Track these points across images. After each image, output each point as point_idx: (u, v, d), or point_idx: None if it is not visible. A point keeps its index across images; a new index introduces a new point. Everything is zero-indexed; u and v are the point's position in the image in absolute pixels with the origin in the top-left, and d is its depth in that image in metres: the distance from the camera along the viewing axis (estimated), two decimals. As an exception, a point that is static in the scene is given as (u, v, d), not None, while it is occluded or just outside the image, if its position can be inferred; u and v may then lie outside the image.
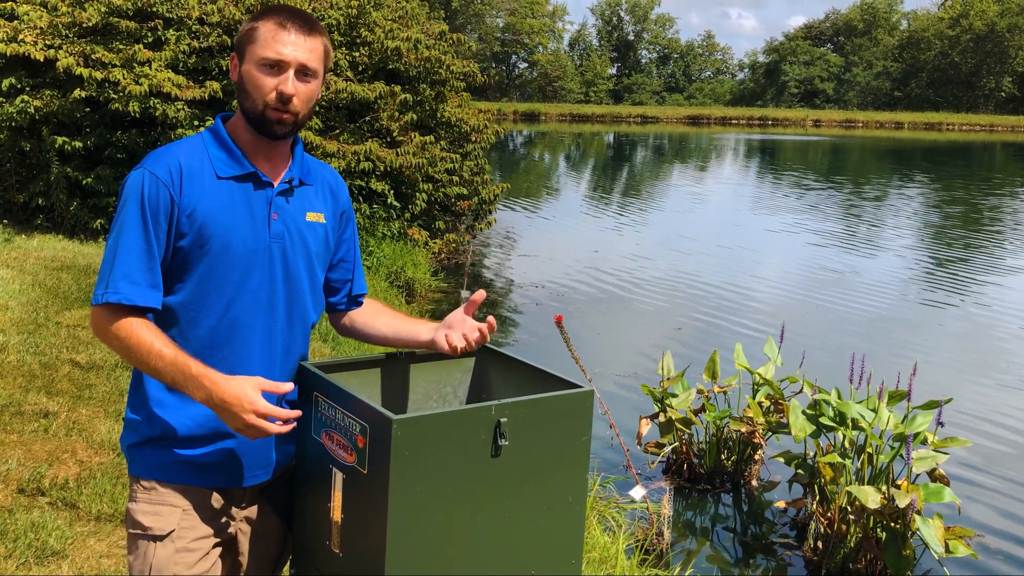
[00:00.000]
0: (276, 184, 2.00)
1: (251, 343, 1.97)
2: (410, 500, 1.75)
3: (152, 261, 1.89)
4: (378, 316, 2.21)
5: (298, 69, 1.92)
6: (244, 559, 2.08)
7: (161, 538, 1.94)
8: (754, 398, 5.40)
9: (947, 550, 4.19)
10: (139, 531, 1.95)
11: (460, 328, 2.08)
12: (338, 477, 1.87)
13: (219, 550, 2.01)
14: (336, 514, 1.88)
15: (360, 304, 2.24)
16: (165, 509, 1.94)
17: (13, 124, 9.80)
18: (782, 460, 5.04)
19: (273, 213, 1.98)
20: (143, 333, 1.86)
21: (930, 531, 4.16)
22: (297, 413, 1.88)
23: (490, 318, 2.07)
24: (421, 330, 2.14)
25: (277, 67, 1.91)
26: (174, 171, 1.90)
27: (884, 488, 4.38)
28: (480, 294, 2.09)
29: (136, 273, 1.88)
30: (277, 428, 1.84)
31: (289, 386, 1.89)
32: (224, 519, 2.02)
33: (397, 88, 10.97)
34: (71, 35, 10.01)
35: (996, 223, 18.06)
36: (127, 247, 1.88)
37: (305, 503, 2.03)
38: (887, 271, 12.51)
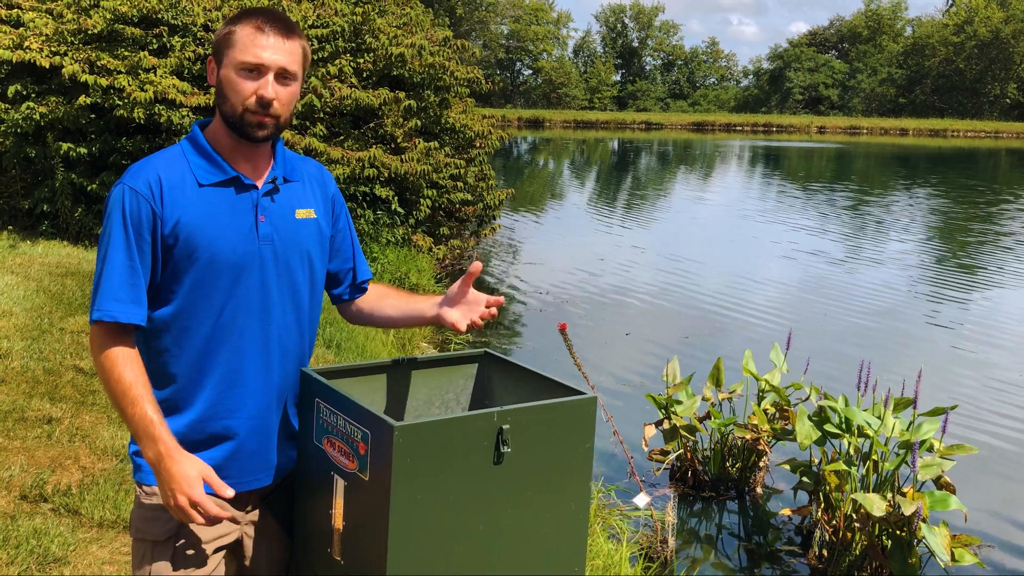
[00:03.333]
0: (260, 185, 1.99)
1: (245, 347, 1.97)
2: (412, 507, 1.74)
3: (135, 277, 1.89)
4: (383, 299, 2.22)
5: (277, 73, 1.92)
6: (252, 562, 2.08)
7: (159, 543, 1.95)
8: (759, 405, 5.38)
9: (953, 558, 4.17)
10: (140, 536, 1.98)
11: (461, 303, 2.12)
12: (340, 484, 1.86)
13: (221, 554, 2.02)
14: (337, 521, 1.87)
15: (365, 291, 2.24)
16: (164, 515, 1.94)
17: (18, 130, 9.81)
18: (787, 467, 5.01)
19: (260, 215, 1.97)
20: (126, 372, 1.87)
21: (936, 539, 4.14)
22: (227, 515, 1.88)
23: (500, 298, 2.09)
24: (424, 307, 2.18)
25: (257, 71, 1.91)
26: (154, 184, 1.90)
27: (889, 496, 4.35)
28: (476, 266, 2.10)
29: (119, 290, 1.88)
30: (200, 520, 1.84)
31: (231, 492, 1.88)
32: (227, 524, 2.01)
33: (401, 94, 10.98)
34: (76, 42, 10.03)
35: (1001, 230, 18.01)
36: (111, 265, 1.89)
37: (306, 510, 2.02)
38: (892, 278, 12.48)
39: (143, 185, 1.89)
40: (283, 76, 1.93)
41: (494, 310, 2.09)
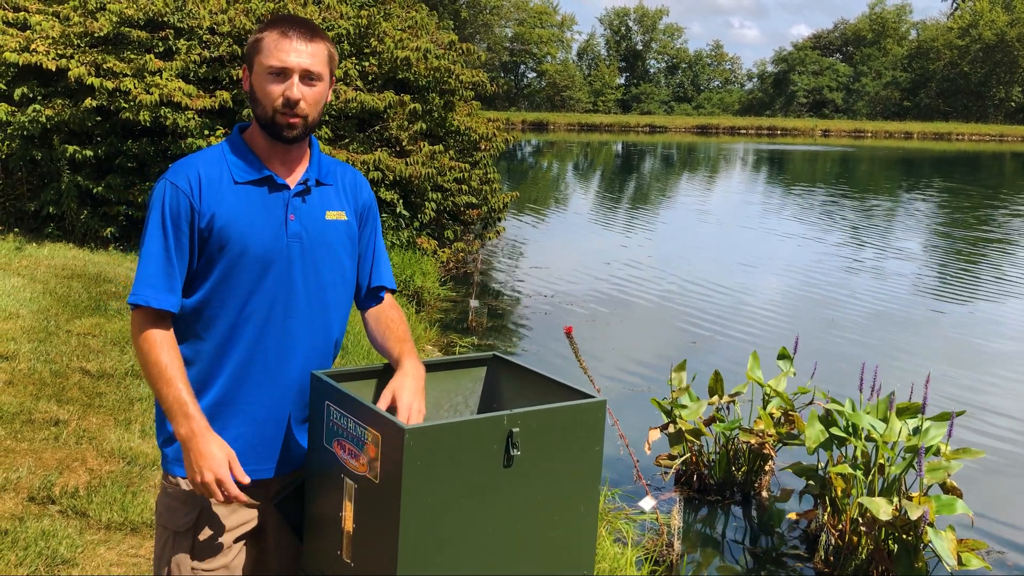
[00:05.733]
0: (292, 186, 2.08)
1: (265, 337, 2.04)
2: (421, 510, 1.75)
3: (170, 267, 2.00)
4: (379, 326, 2.24)
5: (302, 75, 2.02)
6: (271, 551, 2.15)
7: (180, 533, 2.04)
8: (764, 409, 5.38)
9: (960, 562, 4.16)
10: (162, 523, 2.07)
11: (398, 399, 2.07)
12: (350, 486, 1.87)
13: (241, 544, 2.09)
14: (347, 523, 1.88)
15: (381, 300, 2.28)
16: (184, 505, 2.04)
17: (25, 133, 9.85)
18: (792, 471, 5.01)
19: (290, 214, 2.05)
20: (162, 355, 1.98)
21: (942, 543, 4.13)
22: (248, 500, 2.00)
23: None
24: (392, 357, 2.16)
25: (282, 74, 2.01)
26: (193, 180, 2.01)
27: (896, 500, 4.35)
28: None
29: (155, 278, 1.99)
30: (220, 497, 1.94)
31: (247, 479, 1.97)
32: (246, 513, 2.09)
33: (406, 98, 11.00)
34: (83, 45, 10.07)
35: (1006, 233, 17.99)
36: (149, 254, 2.00)
37: (316, 512, 2.03)
38: (895, 282, 12.47)
39: (183, 181, 2.01)
40: (308, 77, 2.02)
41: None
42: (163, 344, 1.99)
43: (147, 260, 2.00)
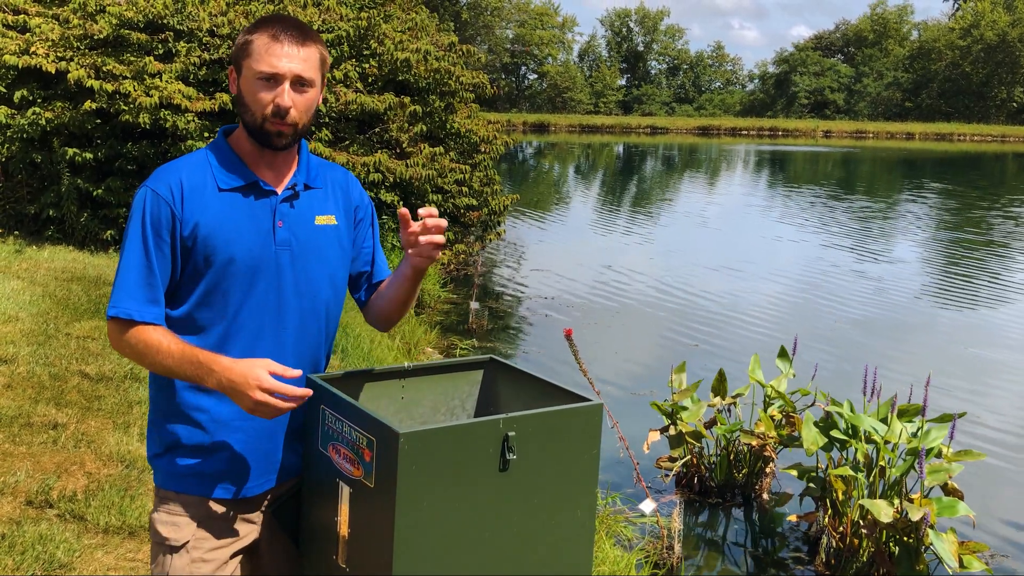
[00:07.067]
0: (280, 191, 2.01)
1: (257, 349, 1.98)
2: (417, 514, 1.74)
3: (152, 277, 1.93)
4: (380, 288, 2.19)
5: (293, 80, 1.94)
6: (267, 566, 2.10)
7: (177, 549, 1.98)
8: (766, 411, 5.36)
9: (961, 565, 4.14)
10: (158, 541, 2.01)
11: (415, 242, 2.01)
12: (345, 491, 1.86)
13: (238, 559, 2.04)
14: (343, 528, 1.87)
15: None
16: (181, 520, 1.98)
17: (25, 136, 9.84)
18: (794, 473, 4.99)
19: (278, 221, 1.99)
20: (151, 336, 1.91)
21: (944, 546, 4.12)
22: (307, 392, 1.87)
23: (430, 209, 1.99)
24: (402, 267, 2.10)
25: (273, 80, 1.93)
26: (175, 187, 1.94)
27: (897, 502, 4.33)
28: (401, 212, 1.99)
29: (135, 288, 1.92)
30: (285, 404, 1.84)
31: (297, 372, 1.88)
32: (242, 527, 2.04)
33: (407, 99, 10.99)
34: (82, 47, 10.06)
35: (1007, 235, 17.96)
36: (128, 264, 1.93)
37: (311, 516, 2.01)
38: (896, 284, 12.45)
39: (164, 188, 1.94)
40: (299, 83, 1.95)
41: (436, 221, 1.99)
42: (150, 329, 1.91)
43: (127, 270, 1.92)
